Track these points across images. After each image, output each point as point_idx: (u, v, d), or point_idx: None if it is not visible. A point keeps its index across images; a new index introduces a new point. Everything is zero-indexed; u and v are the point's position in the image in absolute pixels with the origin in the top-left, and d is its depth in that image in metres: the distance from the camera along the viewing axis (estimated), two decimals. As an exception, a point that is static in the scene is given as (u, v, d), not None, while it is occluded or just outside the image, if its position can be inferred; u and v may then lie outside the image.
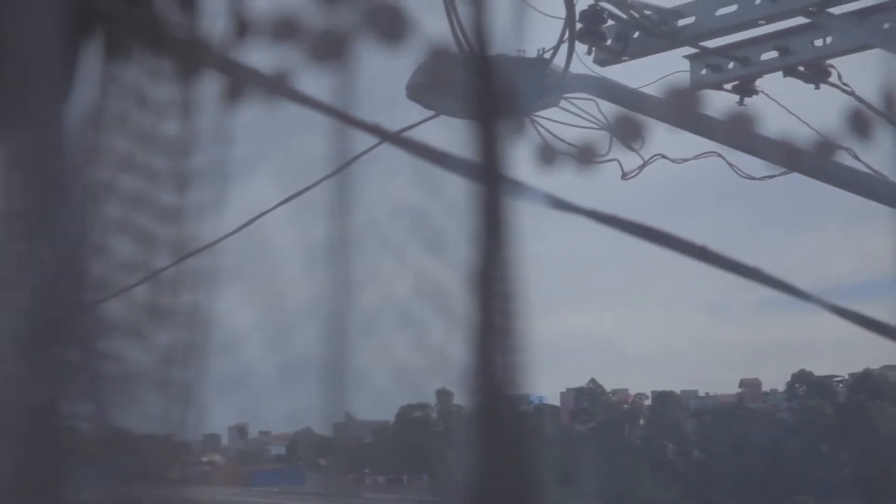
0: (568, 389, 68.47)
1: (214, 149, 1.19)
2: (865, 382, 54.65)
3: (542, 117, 5.82)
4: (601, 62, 5.89)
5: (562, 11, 5.53)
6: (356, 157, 2.31)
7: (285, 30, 1.08)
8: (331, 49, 1.07)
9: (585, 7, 5.63)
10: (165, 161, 1.17)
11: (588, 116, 5.71)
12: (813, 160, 5.33)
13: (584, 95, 5.93)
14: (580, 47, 5.73)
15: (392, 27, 1.07)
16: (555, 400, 70.22)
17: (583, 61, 5.80)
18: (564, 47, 5.63)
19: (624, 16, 5.67)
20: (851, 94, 5.95)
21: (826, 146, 5.10)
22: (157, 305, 1.26)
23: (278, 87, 1.45)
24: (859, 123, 1.85)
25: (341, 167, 2.52)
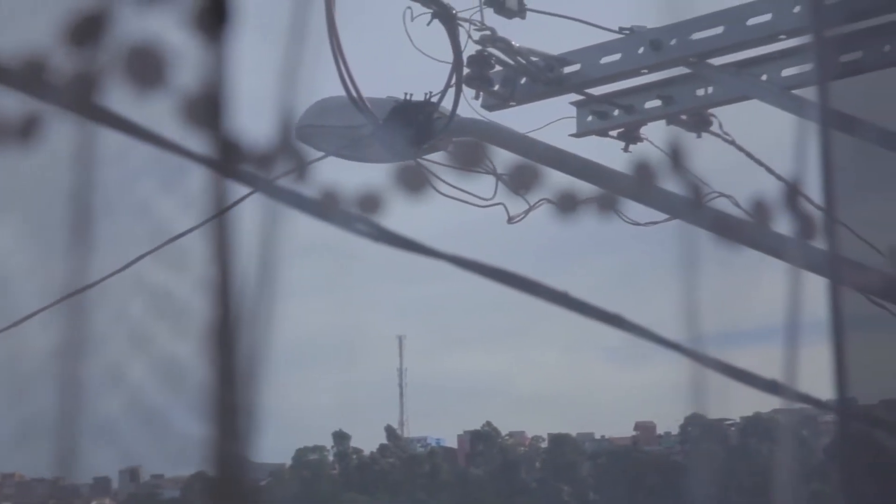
0: (465, 432, 68.51)
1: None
2: (756, 426, 55.52)
3: (430, 160, 5.86)
4: (489, 107, 5.95)
5: (450, 56, 5.59)
6: (232, 205, 2.27)
7: (31, 72, 1.06)
8: (80, 94, 1.06)
9: (473, 52, 5.67)
10: None
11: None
12: (694, 208, 5.42)
13: (473, 139, 5.98)
14: (468, 92, 5.79)
15: (148, 71, 1.07)
16: (453, 442, 70.21)
17: (471, 106, 5.86)
18: (452, 91, 5.68)
19: (511, 62, 5.73)
20: (732, 142, 6.09)
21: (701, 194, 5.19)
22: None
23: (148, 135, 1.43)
24: (643, 175, 1.88)
25: (220, 212, 2.48)
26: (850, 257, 2.99)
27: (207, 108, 1.04)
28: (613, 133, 6.16)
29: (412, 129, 5.51)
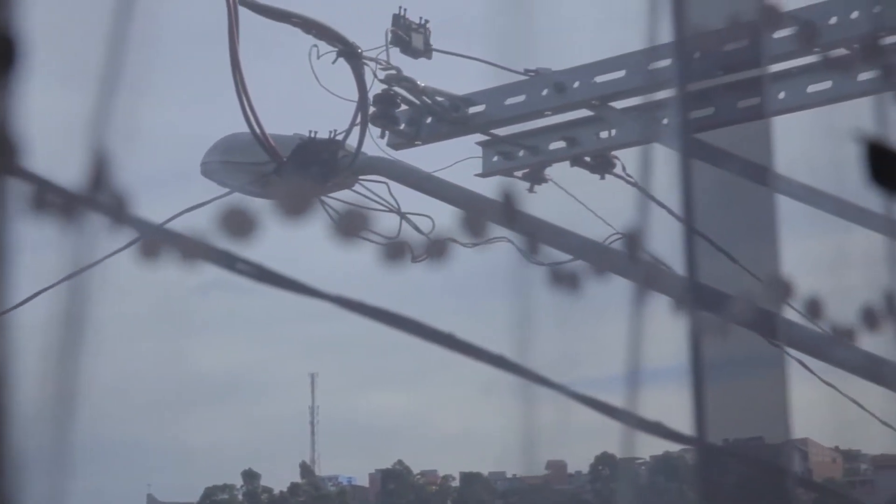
0: (377, 470, 68.19)
1: None
2: (665, 465, 55.94)
3: (335, 198, 5.85)
4: (395, 146, 5.96)
5: (357, 95, 5.61)
6: (118, 251, 2.25)
7: None
8: None
9: (379, 91, 5.69)
10: None
11: (380, 199, 5.77)
12: (596, 249, 5.48)
13: (379, 178, 5.99)
14: (374, 130, 5.80)
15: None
16: (364, 481, 69.84)
17: (377, 144, 5.87)
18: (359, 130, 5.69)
19: (416, 101, 5.76)
20: (635, 184, 6.16)
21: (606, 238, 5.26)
22: None
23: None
24: (472, 223, 1.91)
25: (105, 257, 2.45)
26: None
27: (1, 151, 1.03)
28: (519, 173, 6.21)
29: (316, 166, 5.51)
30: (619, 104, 5.60)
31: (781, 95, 5.17)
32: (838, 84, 5.06)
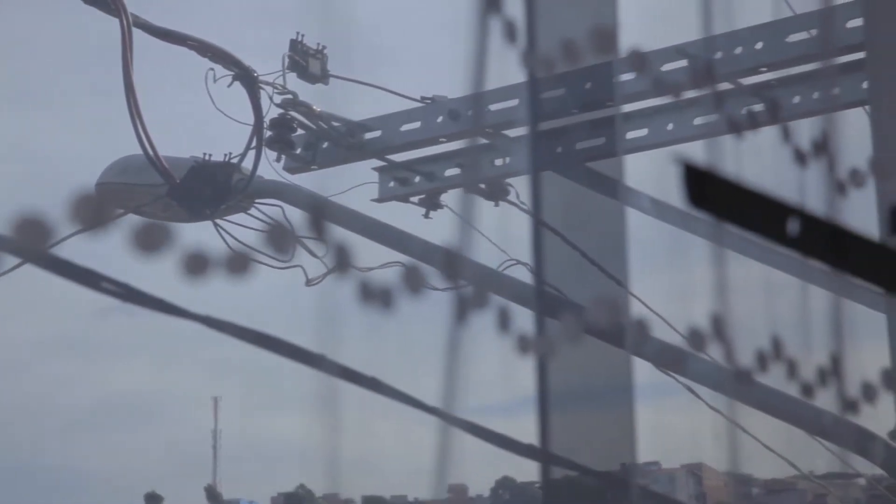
0: (279, 494, 67.68)
1: None
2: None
3: (230, 221, 5.85)
4: (291, 170, 5.98)
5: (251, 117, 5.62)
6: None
7: None
8: None
9: (275, 115, 5.71)
10: None
11: (273, 222, 5.77)
12: (488, 274, 5.54)
13: (274, 201, 6.00)
14: (271, 154, 5.81)
15: None
16: (266, 505, 69.23)
17: (274, 168, 5.88)
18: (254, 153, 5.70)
19: (312, 126, 5.78)
20: (528, 212, 6.24)
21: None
22: None
23: None
24: (276, 238, 1.94)
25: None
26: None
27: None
28: (415, 199, 6.25)
29: (211, 189, 5.50)
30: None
31: (670, 127, 5.29)
32: (725, 117, 5.19)
